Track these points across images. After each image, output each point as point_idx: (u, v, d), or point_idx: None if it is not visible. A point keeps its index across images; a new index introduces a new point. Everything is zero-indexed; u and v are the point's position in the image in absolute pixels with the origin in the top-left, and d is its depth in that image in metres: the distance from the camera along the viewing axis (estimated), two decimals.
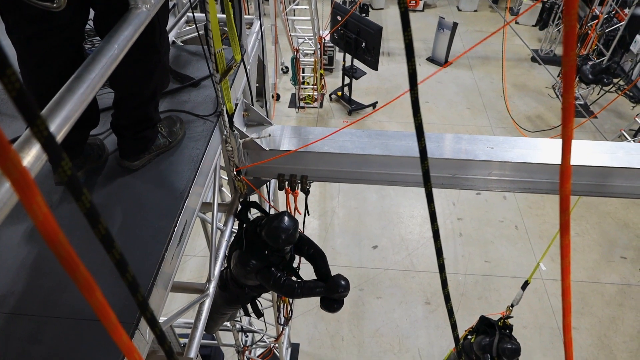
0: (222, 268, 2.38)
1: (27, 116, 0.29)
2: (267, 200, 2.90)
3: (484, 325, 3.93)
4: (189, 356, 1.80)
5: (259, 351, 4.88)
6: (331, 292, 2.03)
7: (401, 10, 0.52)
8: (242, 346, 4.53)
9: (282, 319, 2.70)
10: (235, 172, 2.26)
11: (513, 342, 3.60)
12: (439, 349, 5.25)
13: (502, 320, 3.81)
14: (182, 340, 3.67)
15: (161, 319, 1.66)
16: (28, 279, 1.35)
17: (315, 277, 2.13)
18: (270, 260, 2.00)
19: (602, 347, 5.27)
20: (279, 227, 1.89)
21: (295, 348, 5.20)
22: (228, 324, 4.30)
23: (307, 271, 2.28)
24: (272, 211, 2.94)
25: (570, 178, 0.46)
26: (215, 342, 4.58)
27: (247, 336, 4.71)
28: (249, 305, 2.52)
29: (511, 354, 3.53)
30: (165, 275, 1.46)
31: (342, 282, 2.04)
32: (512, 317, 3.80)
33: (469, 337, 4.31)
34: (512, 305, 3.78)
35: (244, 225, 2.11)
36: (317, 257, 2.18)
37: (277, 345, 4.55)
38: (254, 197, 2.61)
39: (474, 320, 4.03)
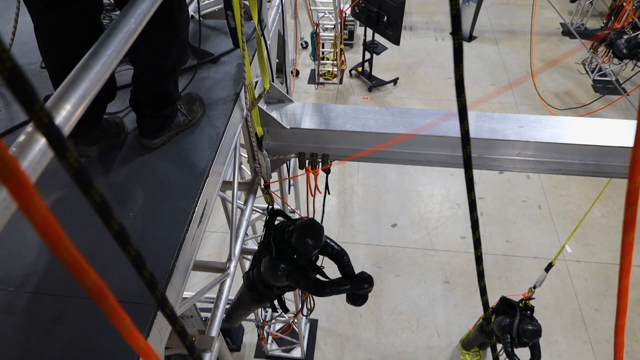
0: (249, 269, 2.55)
1: (23, 101, 0.25)
2: (283, 201, 3.01)
3: (505, 306, 3.88)
4: (211, 335, 1.81)
5: (278, 326, 4.95)
6: (357, 288, 2.14)
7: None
8: (261, 321, 4.59)
9: (306, 310, 2.88)
10: (263, 186, 2.45)
11: (534, 324, 3.55)
12: (457, 328, 5.24)
13: (523, 302, 3.75)
14: (204, 315, 3.74)
15: (185, 294, 1.66)
16: (50, 258, 1.35)
17: (340, 275, 2.24)
18: (299, 263, 2.11)
19: (625, 329, 5.18)
20: (307, 234, 2.00)
21: (313, 324, 5.26)
22: None
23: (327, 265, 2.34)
24: (291, 196, 2.93)
25: None
26: None
27: (266, 311, 4.77)
28: (275, 302, 2.64)
29: (532, 335, 3.49)
30: (186, 256, 1.45)
31: (367, 279, 2.15)
32: (533, 298, 3.74)
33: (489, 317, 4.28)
34: (534, 287, 3.71)
35: (271, 232, 2.22)
36: (340, 257, 2.27)
37: (296, 320, 4.60)
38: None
39: (493, 301, 3.98)
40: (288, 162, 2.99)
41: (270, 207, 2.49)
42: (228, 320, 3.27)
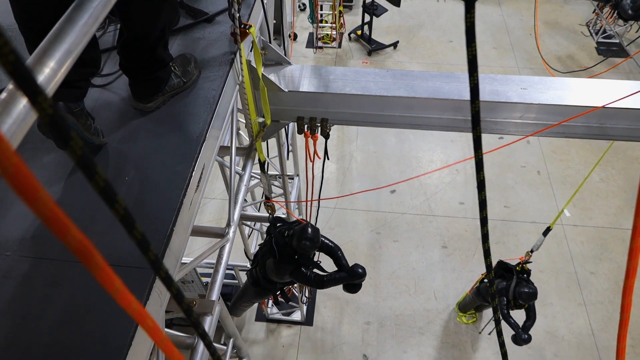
0: (251, 267, 2.83)
1: None
2: (288, 212, 3.30)
3: (502, 270, 3.93)
4: (211, 298, 1.82)
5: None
6: (352, 279, 2.40)
7: None
8: None
9: (305, 299, 3.14)
10: (265, 200, 2.73)
11: (530, 287, 3.60)
12: (454, 291, 5.33)
13: (520, 265, 3.79)
14: (205, 280, 3.78)
15: (184, 260, 1.66)
16: None
17: (336, 268, 2.51)
18: (300, 262, 2.39)
19: (619, 292, 5.18)
20: (306, 238, 2.25)
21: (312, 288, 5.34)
22: (248, 264, 4.40)
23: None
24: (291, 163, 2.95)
25: None
26: (236, 281, 4.72)
27: None
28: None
29: (528, 297, 3.55)
30: (184, 221, 1.43)
31: (360, 271, 2.40)
32: (530, 262, 3.78)
33: (485, 280, 4.34)
34: (531, 251, 3.74)
35: (273, 237, 2.48)
36: (335, 252, 2.52)
37: (296, 285, 4.67)
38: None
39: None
40: (286, 127, 2.94)
41: (270, 215, 2.76)
42: (231, 312, 3.53)
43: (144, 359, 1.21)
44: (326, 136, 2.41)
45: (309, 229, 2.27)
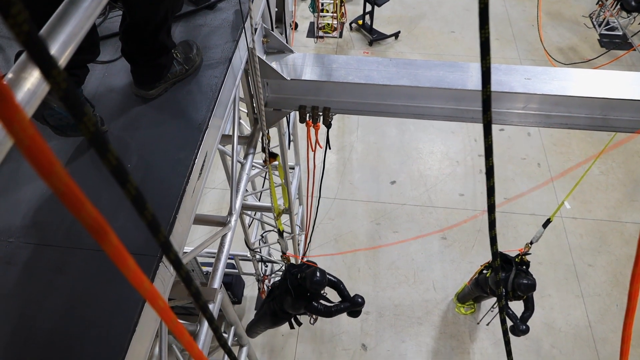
0: (268, 300, 3.34)
1: None
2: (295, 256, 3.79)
3: (501, 261, 3.94)
4: (213, 287, 1.83)
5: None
6: (354, 307, 2.94)
7: None
8: (262, 275, 4.67)
9: (312, 320, 3.69)
10: (281, 254, 3.26)
11: (529, 278, 3.61)
12: (453, 282, 5.36)
13: (519, 257, 3.80)
14: (205, 269, 3.79)
15: (185, 249, 1.66)
16: (50, 209, 1.32)
17: (340, 299, 3.02)
18: (312, 297, 2.89)
19: (616, 284, 5.30)
20: (316, 281, 2.72)
21: None
22: (248, 254, 4.42)
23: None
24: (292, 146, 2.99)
25: None
26: (237, 270, 4.73)
27: (266, 266, 4.84)
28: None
29: (526, 288, 3.56)
30: (187, 208, 1.43)
31: (360, 300, 2.92)
32: (529, 253, 3.79)
33: (485, 271, 4.36)
34: (531, 243, 3.75)
35: (288, 279, 2.95)
36: (337, 286, 3.02)
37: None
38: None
39: (489, 256, 4.02)
40: (288, 116, 2.93)
41: (285, 262, 3.26)
42: (248, 334, 3.99)
43: (147, 344, 1.21)
44: (328, 125, 2.40)
45: (318, 273, 2.74)
